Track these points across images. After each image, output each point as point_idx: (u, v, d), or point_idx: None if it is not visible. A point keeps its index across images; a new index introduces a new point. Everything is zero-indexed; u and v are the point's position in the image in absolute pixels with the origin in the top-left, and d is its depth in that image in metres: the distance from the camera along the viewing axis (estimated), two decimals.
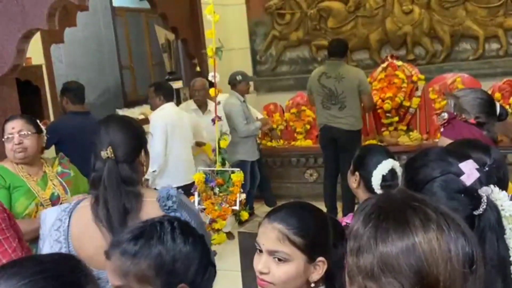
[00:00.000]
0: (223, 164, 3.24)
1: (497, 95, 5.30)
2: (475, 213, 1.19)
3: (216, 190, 3.10)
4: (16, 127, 2.51)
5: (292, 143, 6.16)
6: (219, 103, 3.38)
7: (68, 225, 1.63)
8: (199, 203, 3.06)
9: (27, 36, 3.06)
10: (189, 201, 1.77)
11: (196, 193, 3.11)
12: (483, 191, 1.20)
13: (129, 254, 1.18)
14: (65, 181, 2.61)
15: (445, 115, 2.22)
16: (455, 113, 2.18)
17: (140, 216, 1.60)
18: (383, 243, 0.81)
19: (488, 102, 2.21)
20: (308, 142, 6.02)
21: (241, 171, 3.18)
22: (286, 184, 5.90)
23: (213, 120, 3.52)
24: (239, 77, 5.33)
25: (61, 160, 2.72)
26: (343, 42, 5.31)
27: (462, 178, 1.22)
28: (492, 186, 1.22)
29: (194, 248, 1.21)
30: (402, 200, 0.86)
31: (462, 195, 1.20)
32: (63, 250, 1.61)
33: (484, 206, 1.18)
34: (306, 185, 5.90)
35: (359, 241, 0.84)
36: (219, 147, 3.28)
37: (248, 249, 3.35)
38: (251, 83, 5.69)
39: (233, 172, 3.12)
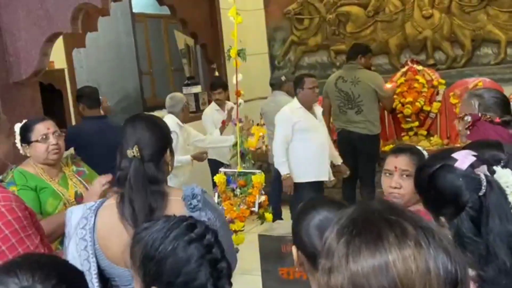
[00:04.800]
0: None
1: None
2: (480, 194, 1.22)
3: (237, 191, 3.10)
4: (51, 128, 2.54)
5: None
6: (240, 104, 3.39)
7: (93, 223, 1.64)
8: (218, 204, 3.08)
9: (51, 40, 3.11)
10: (214, 200, 1.77)
11: (216, 194, 3.12)
12: (480, 170, 1.23)
13: (133, 238, 1.23)
14: (83, 179, 2.63)
15: (469, 118, 2.19)
16: (479, 114, 2.14)
17: (165, 214, 1.60)
18: (354, 261, 0.74)
19: (505, 102, 2.19)
20: None
21: (262, 173, 3.18)
22: None
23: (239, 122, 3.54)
24: (284, 78, 5.42)
25: (73, 160, 2.74)
26: (360, 45, 5.36)
27: (457, 164, 1.27)
28: (495, 166, 1.25)
29: (191, 255, 1.16)
30: (379, 213, 0.78)
31: (461, 179, 1.24)
32: (89, 248, 1.61)
33: (485, 184, 1.21)
34: (325, 190, 5.86)
35: (330, 260, 0.77)
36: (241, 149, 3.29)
37: (268, 251, 3.36)
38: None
39: (254, 173, 3.11)
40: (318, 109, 4.53)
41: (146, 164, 1.64)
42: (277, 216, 5.37)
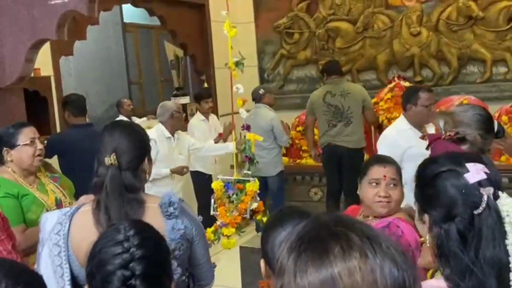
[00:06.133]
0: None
1: (504, 118, 5.28)
2: (475, 212, 1.21)
3: (234, 197, 3.17)
4: (36, 133, 2.55)
5: (298, 161, 6.15)
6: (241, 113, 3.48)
7: (68, 229, 1.62)
8: (214, 210, 3.15)
9: (36, 46, 3.09)
10: (191, 208, 1.76)
11: (212, 200, 3.19)
12: (485, 190, 1.22)
13: None
14: (59, 185, 2.61)
15: (427, 139, 2.23)
16: (443, 131, 2.17)
17: (134, 219, 1.59)
18: (301, 277, 0.73)
19: (486, 119, 2.21)
20: (313, 161, 6.00)
21: (257, 181, 3.24)
22: (290, 203, 5.86)
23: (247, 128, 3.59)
24: (261, 91, 5.53)
25: (46, 166, 2.72)
26: (338, 62, 5.59)
27: (466, 175, 1.25)
28: (500, 192, 1.24)
29: (107, 263, 1.18)
30: (326, 225, 0.77)
31: (463, 191, 1.23)
32: (62, 254, 1.59)
33: (484, 206, 1.20)
34: (310, 203, 5.87)
35: (281, 278, 0.76)
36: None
37: (249, 264, 3.34)
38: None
39: (249, 181, 3.18)
40: (431, 128, 3.63)
41: (123, 172, 1.63)
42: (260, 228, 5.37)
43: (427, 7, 6.09)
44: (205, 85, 6.34)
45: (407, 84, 5.78)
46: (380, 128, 5.75)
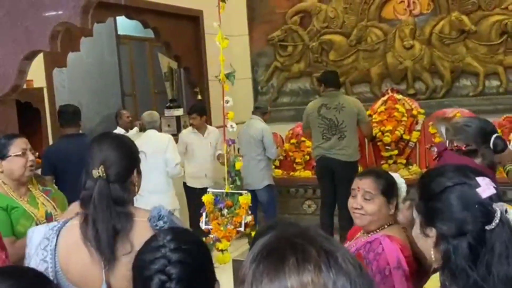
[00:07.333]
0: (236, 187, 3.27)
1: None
2: (487, 227, 1.19)
3: (225, 211, 3.12)
4: (28, 144, 2.55)
5: (291, 173, 6.14)
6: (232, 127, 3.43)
7: (55, 244, 1.59)
8: (206, 224, 3.10)
9: (29, 57, 3.07)
10: (181, 222, 1.73)
11: (204, 214, 3.14)
12: (498, 205, 1.20)
13: None
14: (50, 198, 2.59)
15: (435, 149, 2.20)
16: (447, 141, 2.15)
17: (130, 236, 1.57)
18: None
19: (483, 131, 2.18)
20: (307, 173, 5.99)
21: (249, 194, 3.21)
22: (284, 215, 5.84)
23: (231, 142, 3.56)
24: (269, 108, 5.70)
25: (38, 179, 2.71)
26: (337, 73, 5.51)
27: (478, 190, 1.23)
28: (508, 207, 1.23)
29: (146, 267, 1.24)
30: (287, 238, 0.78)
31: (476, 206, 1.21)
32: (49, 270, 1.57)
33: (497, 221, 1.18)
34: (304, 216, 5.85)
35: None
36: (234, 169, 3.33)
37: None
38: None
39: (241, 194, 3.14)
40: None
41: (111, 184, 1.60)
42: None
43: (420, 21, 6.13)
44: (199, 97, 6.34)
45: (399, 97, 5.81)
46: (373, 141, 5.76)
